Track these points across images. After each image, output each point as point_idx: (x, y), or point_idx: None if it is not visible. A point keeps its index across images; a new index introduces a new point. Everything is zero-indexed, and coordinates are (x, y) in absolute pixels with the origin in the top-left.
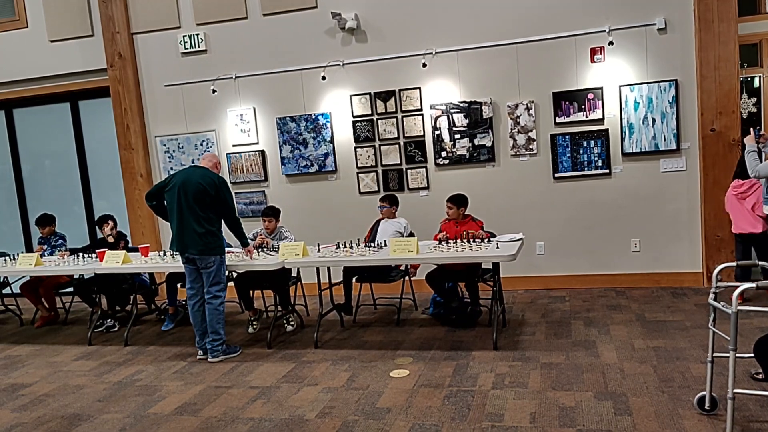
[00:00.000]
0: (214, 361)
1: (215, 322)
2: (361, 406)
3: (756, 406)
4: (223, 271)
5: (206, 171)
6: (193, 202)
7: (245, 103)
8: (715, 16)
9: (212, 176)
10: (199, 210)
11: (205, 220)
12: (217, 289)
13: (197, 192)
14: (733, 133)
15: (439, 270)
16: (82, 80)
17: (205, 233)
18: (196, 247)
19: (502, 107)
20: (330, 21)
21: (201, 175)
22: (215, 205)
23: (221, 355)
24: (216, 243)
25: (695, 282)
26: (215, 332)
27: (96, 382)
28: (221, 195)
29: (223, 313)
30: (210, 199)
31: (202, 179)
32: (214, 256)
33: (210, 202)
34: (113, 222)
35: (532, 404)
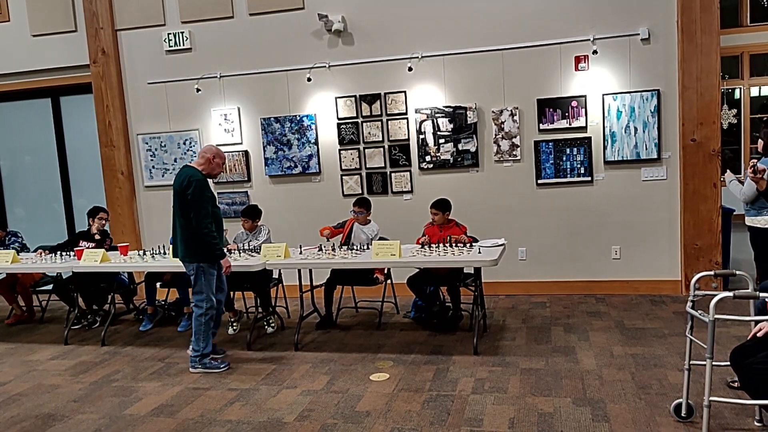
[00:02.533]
0: (193, 372)
1: (194, 334)
2: (340, 410)
3: (731, 414)
4: (204, 281)
5: (186, 170)
6: (176, 204)
7: (230, 103)
8: (697, 27)
9: (185, 176)
10: (179, 213)
11: (183, 224)
12: (199, 298)
13: (175, 194)
14: (713, 143)
15: (421, 274)
16: (64, 76)
17: (182, 239)
18: (181, 252)
19: (486, 113)
20: (317, 22)
21: (179, 176)
22: (186, 208)
23: (200, 367)
24: (194, 249)
25: (674, 290)
26: (195, 343)
27: (71, 382)
28: (187, 197)
29: (205, 327)
30: (181, 200)
31: (178, 179)
32: (192, 264)
33: (184, 204)
34: (106, 215)
35: (511, 409)
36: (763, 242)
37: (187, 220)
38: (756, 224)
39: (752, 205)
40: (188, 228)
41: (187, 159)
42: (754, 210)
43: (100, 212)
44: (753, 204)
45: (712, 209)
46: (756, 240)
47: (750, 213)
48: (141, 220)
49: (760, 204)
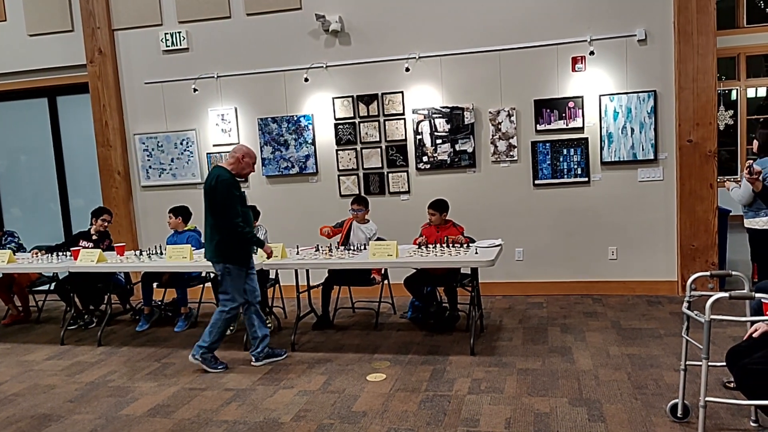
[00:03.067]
0: (192, 360)
1: (210, 326)
2: (336, 410)
3: (727, 414)
4: (230, 282)
5: (215, 170)
6: (206, 205)
7: (227, 103)
8: (694, 28)
9: (213, 176)
10: (209, 214)
11: (212, 224)
12: (225, 298)
13: (205, 194)
14: (709, 144)
15: (418, 274)
16: (60, 75)
17: (210, 239)
18: (208, 254)
19: (483, 113)
20: (314, 23)
21: (211, 175)
22: (215, 209)
23: (199, 358)
24: (221, 250)
25: (670, 290)
26: (207, 335)
27: (67, 382)
28: (216, 197)
29: (223, 326)
30: (210, 201)
31: (208, 179)
32: (218, 264)
33: (212, 205)
34: (110, 216)
35: (508, 410)
36: (762, 243)
37: (216, 220)
38: (754, 225)
39: (750, 207)
40: (217, 228)
41: (185, 159)
42: (752, 212)
43: (104, 213)
44: (750, 206)
45: (708, 210)
46: (755, 241)
47: (748, 215)
48: (138, 221)
49: (758, 205)
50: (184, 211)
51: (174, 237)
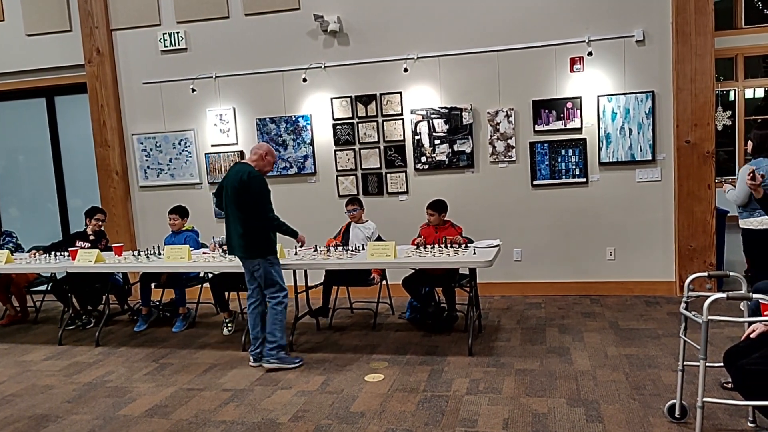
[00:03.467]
0: (268, 366)
1: (271, 323)
2: (334, 410)
3: (725, 414)
4: (274, 272)
5: (244, 167)
6: (231, 202)
7: (225, 103)
8: (692, 29)
9: (244, 171)
10: (238, 209)
11: (244, 220)
12: (273, 290)
13: (233, 191)
14: (707, 145)
15: (416, 275)
16: (58, 75)
17: (243, 234)
18: (240, 250)
19: (482, 114)
20: (312, 23)
21: (236, 172)
22: (247, 204)
23: (275, 361)
24: (258, 245)
25: (668, 291)
26: (271, 334)
27: (65, 383)
28: (250, 191)
29: (282, 316)
30: (247, 197)
31: (236, 176)
32: (256, 259)
33: (246, 200)
34: (104, 216)
35: (506, 410)
36: (757, 244)
37: (247, 216)
38: (749, 226)
39: (744, 207)
40: (249, 224)
41: (183, 159)
42: (746, 212)
43: (97, 213)
44: (746, 207)
45: (706, 210)
46: (749, 241)
47: (743, 215)
48: (135, 221)
49: (753, 206)
50: (185, 211)
51: (172, 237)
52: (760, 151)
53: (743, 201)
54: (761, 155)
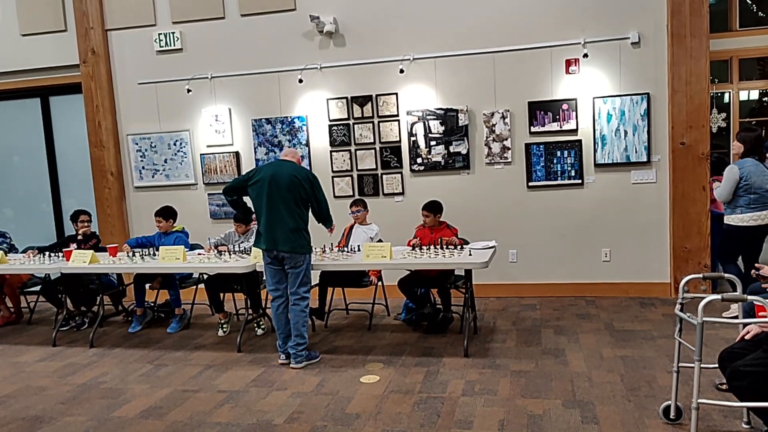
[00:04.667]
0: (297, 367)
1: (301, 325)
2: (330, 412)
3: (720, 416)
4: (308, 271)
5: (296, 165)
6: (287, 196)
7: (221, 104)
8: (687, 31)
9: (305, 170)
10: (293, 204)
11: (298, 215)
12: (305, 290)
13: (291, 185)
14: (702, 147)
15: (412, 276)
16: (53, 75)
17: (296, 229)
18: (288, 244)
19: (478, 115)
20: (308, 24)
21: (293, 169)
22: (308, 200)
23: (304, 360)
24: (307, 240)
25: (663, 292)
26: (300, 335)
27: (59, 384)
28: (315, 190)
29: (307, 315)
30: (305, 193)
31: (296, 173)
32: (304, 255)
33: (304, 197)
34: (88, 217)
35: (501, 411)
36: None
37: (304, 212)
38: (731, 222)
39: (728, 204)
40: (302, 218)
41: (178, 160)
42: (729, 208)
43: (81, 215)
44: (729, 203)
45: (701, 212)
46: (728, 235)
47: (726, 211)
48: (130, 221)
49: (735, 203)
50: (171, 212)
51: (162, 239)
52: (752, 153)
53: (726, 198)
54: (749, 156)
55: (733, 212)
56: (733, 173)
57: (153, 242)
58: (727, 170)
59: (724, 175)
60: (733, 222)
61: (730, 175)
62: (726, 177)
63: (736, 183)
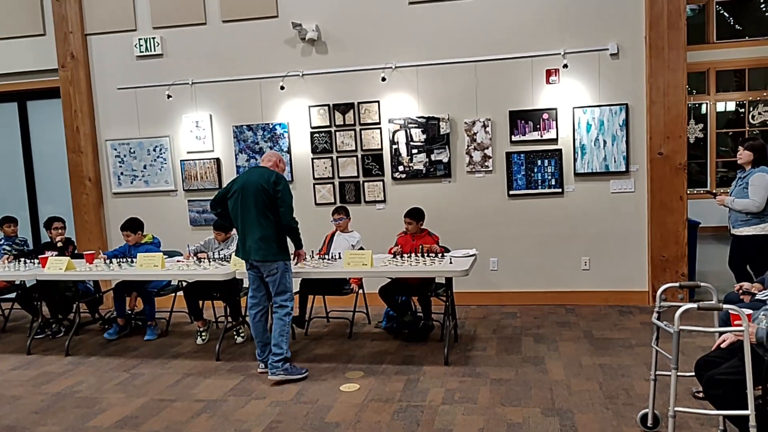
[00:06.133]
0: (273, 379)
1: (278, 335)
2: (309, 421)
3: (696, 424)
4: (288, 278)
5: (265, 170)
6: (252, 204)
7: (201, 110)
8: (665, 43)
9: (270, 173)
10: (261, 212)
11: (266, 223)
12: (283, 298)
13: (257, 192)
14: (679, 157)
15: (393, 284)
16: (31, 80)
17: (264, 237)
18: (259, 253)
19: (459, 124)
20: (290, 31)
21: (260, 175)
22: (273, 206)
23: (281, 373)
24: (278, 248)
25: (641, 300)
26: (277, 345)
27: (33, 393)
28: (278, 194)
29: (289, 327)
30: (268, 198)
31: (259, 179)
32: (276, 263)
33: (269, 203)
34: (62, 224)
35: (481, 420)
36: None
37: (271, 217)
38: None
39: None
40: (273, 226)
41: (158, 166)
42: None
43: (55, 222)
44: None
45: (678, 221)
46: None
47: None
48: (108, 228)
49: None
50: (138, 224)
51: (133, 251)
52: (762, 161)
53: (762, 207)
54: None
55: (762, 221)
56: (766, 180)
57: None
58: (759, 178)
59: (756, 183)
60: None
61: (764, 182)
62: (760, 185)
63: None
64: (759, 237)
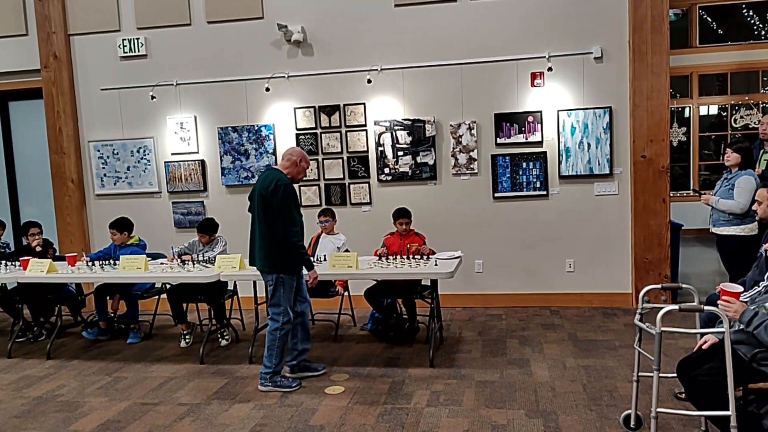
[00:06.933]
0: (261, 389)
1: (267, 348)
2: (293, 424)
3: (679, 425)
4: (281, 293)
5: (272, 173)
6: (258, 212)
7: (186, 111)
8: (648, 48)
9: (272, 179)
10: (260, 221)
11: (265, 231)
12: (274, 311)
13: (260, 199)
14: (662, 160)
15: (378, 286)
16: (13, 80)
17: (262, 246)
18: (259, 262)
19: (445, 126)
20: (276, 32)
21: (264, 178)
22: (271, 215)
23: (269, 385)
24: (275, 259)
25: (625, 302)
26: (267, 359)
27: (14, 397)
28: (274, 201)
29: (280, 342)
30: (267, 207)
31: (262, 183)
32: (270, 275)
33: (267, 212)
34: (39, 229)
35: (465, 422)
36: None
37: (270, 227)
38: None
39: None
40: (270, 235)
41: (141, 167)
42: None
43: (31, 228)
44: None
45: (661, 224)
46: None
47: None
48: (91, 230)
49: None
50: (127, 224)
51: (118, 252)
52: (749, 164)
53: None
54: (747, 167)
55: (743, 222)
56: (752, 183)
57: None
58: (745, 181)
59: (741, 186)
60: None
61: (749, 185)
62: (745, 187)
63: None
64: (740, 237)
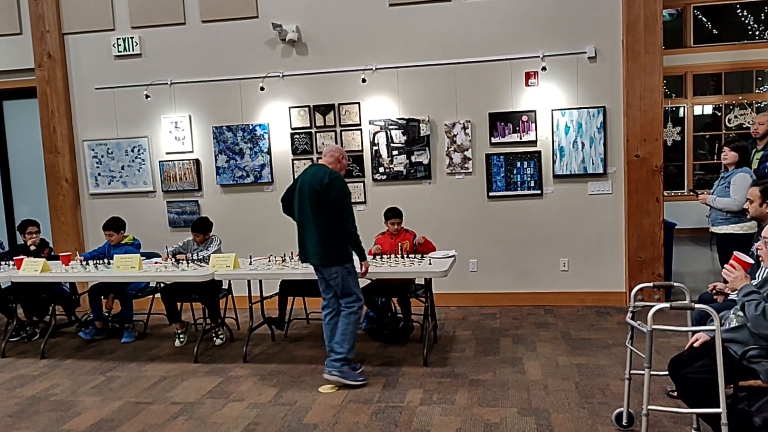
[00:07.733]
0: (328, 378)
1: (340, 333)
2: (287, 423)
3: (670, 422)
4: (351, 281)
5: (321, 168)
6: (308, 206)
7: (180, 111)
8: (642, 47)
9: (324, 173)
10: (315, 214)
11: (322, 225)
12: (348, 300)
13: (310, 194)
14: (656, 159)
15: (372, 285)
16: (7, 80)
17: (320, 241)
18: (316, 257)
19: (439, 125)
20: (271, 32)
21: (313, 173)
22: (327, 209)
23: (336, 374)
24: (336, 252)
25: (618, 301)
26: (338, 344)
27: (7, 397)
28: (331, 194)
29: (354, 327)
30: (322, 201)
31: (313, 178)
32: (334, 267)
33: (323, 206)
34: (37, 228)
35: (458, 420)
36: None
37: (326, 220)
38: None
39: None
40: (328, 229)
41: (136, 167)
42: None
43: (29, 226)
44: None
45: (654, 223)
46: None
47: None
48: (85, 229)
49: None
50: (120, 224)
51: (113, 251)
52: (745, 162)
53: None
54: (744, 165)
55: (741, 220)
56: (748, 180)
57: (104, 254)
58: (741, 178)
59: (737, 183)
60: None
61: (745, 182)
62: (742, 185)
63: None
64: (739, 236)
